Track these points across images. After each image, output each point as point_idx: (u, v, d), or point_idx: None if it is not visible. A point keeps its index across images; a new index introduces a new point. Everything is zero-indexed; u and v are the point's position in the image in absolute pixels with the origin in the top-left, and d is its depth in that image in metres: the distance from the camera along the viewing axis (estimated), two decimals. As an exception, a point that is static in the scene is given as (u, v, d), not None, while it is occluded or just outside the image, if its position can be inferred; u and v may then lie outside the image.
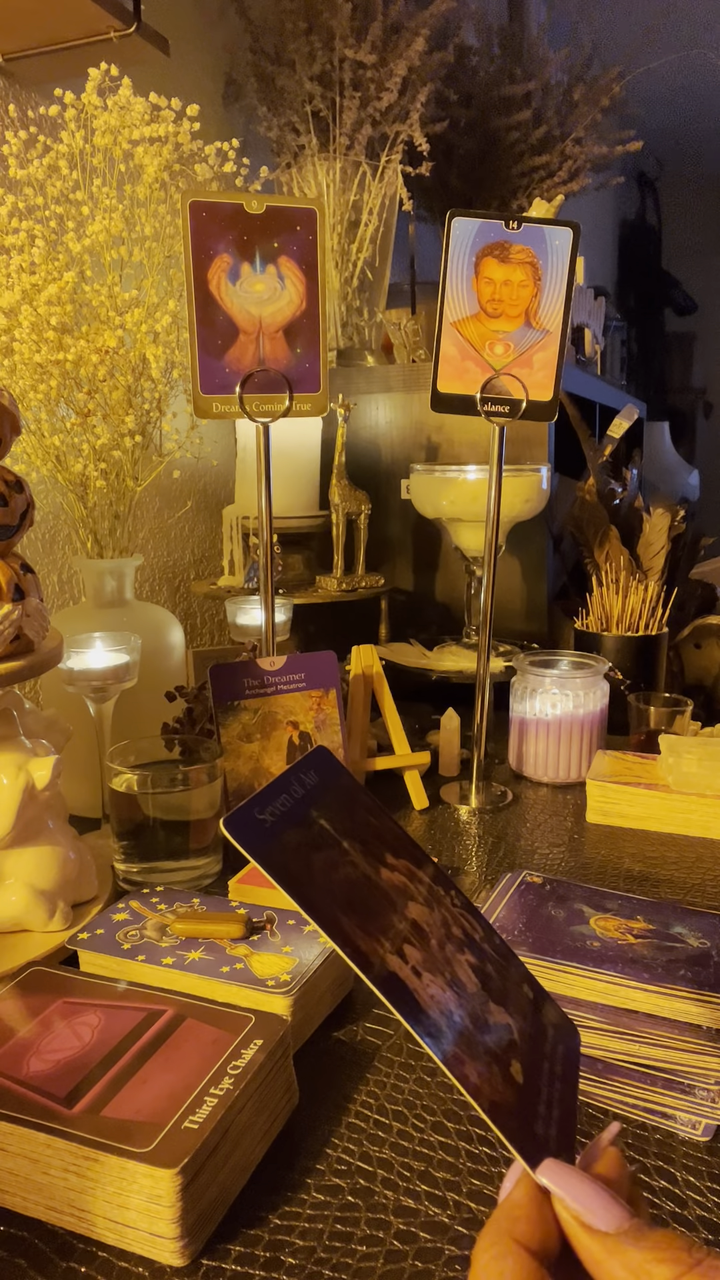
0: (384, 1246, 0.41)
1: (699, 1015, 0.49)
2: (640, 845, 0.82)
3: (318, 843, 0.34)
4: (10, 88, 1.03)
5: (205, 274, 0.78)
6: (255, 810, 0.32)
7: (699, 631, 1.34)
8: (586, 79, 1.62)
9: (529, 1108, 0.31)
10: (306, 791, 0.35)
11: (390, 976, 0.31)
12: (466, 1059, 0.31)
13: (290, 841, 0.33)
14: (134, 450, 0.91)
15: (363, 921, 0.32)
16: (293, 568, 1.25)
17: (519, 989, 0.36)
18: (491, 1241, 0.28)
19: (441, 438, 1.36)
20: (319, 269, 0.81)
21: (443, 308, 0.83)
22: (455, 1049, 0.31)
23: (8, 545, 0.64)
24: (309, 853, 0.33)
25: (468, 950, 0.35)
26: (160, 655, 0.94)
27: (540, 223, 0.82)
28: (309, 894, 0.31)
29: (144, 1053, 0.46)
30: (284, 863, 0.31)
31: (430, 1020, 0.31)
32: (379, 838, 0.36)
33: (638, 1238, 0.27)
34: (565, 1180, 0.29)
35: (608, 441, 1.38)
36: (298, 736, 0.84)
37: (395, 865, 0.36)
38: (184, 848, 0.74)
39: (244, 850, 0.31)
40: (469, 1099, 0.30)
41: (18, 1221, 0.42)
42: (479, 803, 0.91)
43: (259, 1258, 0.40)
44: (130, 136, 0.88)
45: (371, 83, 1.29)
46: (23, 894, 0.63)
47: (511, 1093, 0.31)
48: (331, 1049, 0.54)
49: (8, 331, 0.84)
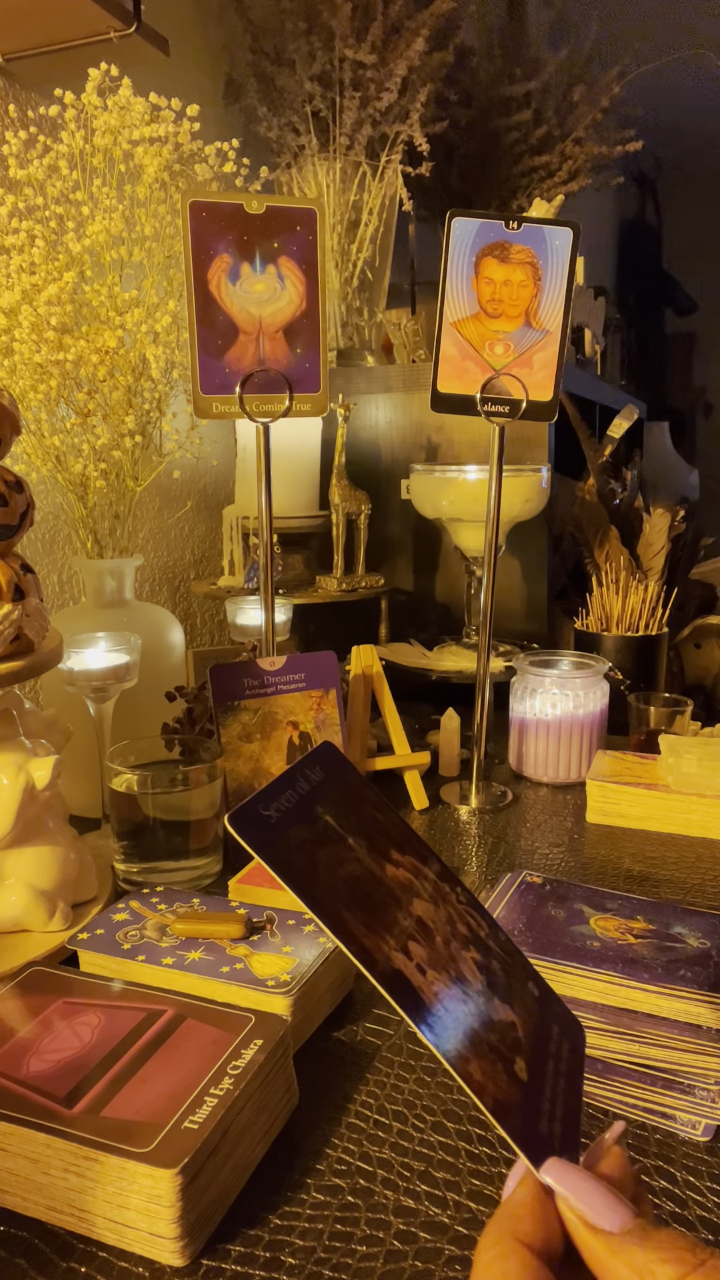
0: (384, 1246, 0.41)
1: (699, 1015, 0.49)
2: (640, 845, 0.82)
3: (323, 839, 0.33)
4: (10, 88, 1.03)
5: (205, 274, 0.78)
6: (260, 806, 0.32)
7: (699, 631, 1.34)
8: (586, 79, 1.62)
9: (533, 1106, 0.31)
10: (312, 787, 0.35)
11: (394, 973, 0.31)
12: (471, 1057, 0.31)
13: (295, 838, 0.32)
14: (134, 450, 0.91)
15: (367, 918, 0.32)
16: (293, 568, 1.25)
17: (524, 986, 0.36)
18: (494, 1241, 0.27)
19: (441, 438, 1.36)
20: (319, 269, 0.81)
21: (443, 308, 0.83)
22: (459, 1047, 0.31)
23: (8, 545, 0.64)
24: (314, 849, 0.33)
25: (473, 947, 0.35)
26: (160, 655, 0.94)
27: (540, 223, 0.82)
28: (313, 890, 0.31)
29: (144, 1053, 0.46)
30: (288, 859, 0.31)
31: (434, 1018, 0.31)
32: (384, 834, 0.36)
33: (642, 1237, 0.27)
34: (569, 1179, 0.29)
35: (608, 441, 1.38)
36: (298, 736, 0.84)
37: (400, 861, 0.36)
38: (184, 848, 0.73)
39: (248, 846, 0.31)
40: (473, 1097, 0.30)
41: (18, 1221, 0.42)
42: (479, 803, 0.91)
43: (259, 1258, 0.40)
44: (130, 137, 0.88)
45: (371, 83, 1.29)
46: (23, 894, 0.63)
47: (516, 1091, 0.31)
48: (331, 1049, 0.54)
49: (8, 331, 0.84)
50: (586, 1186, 0.28)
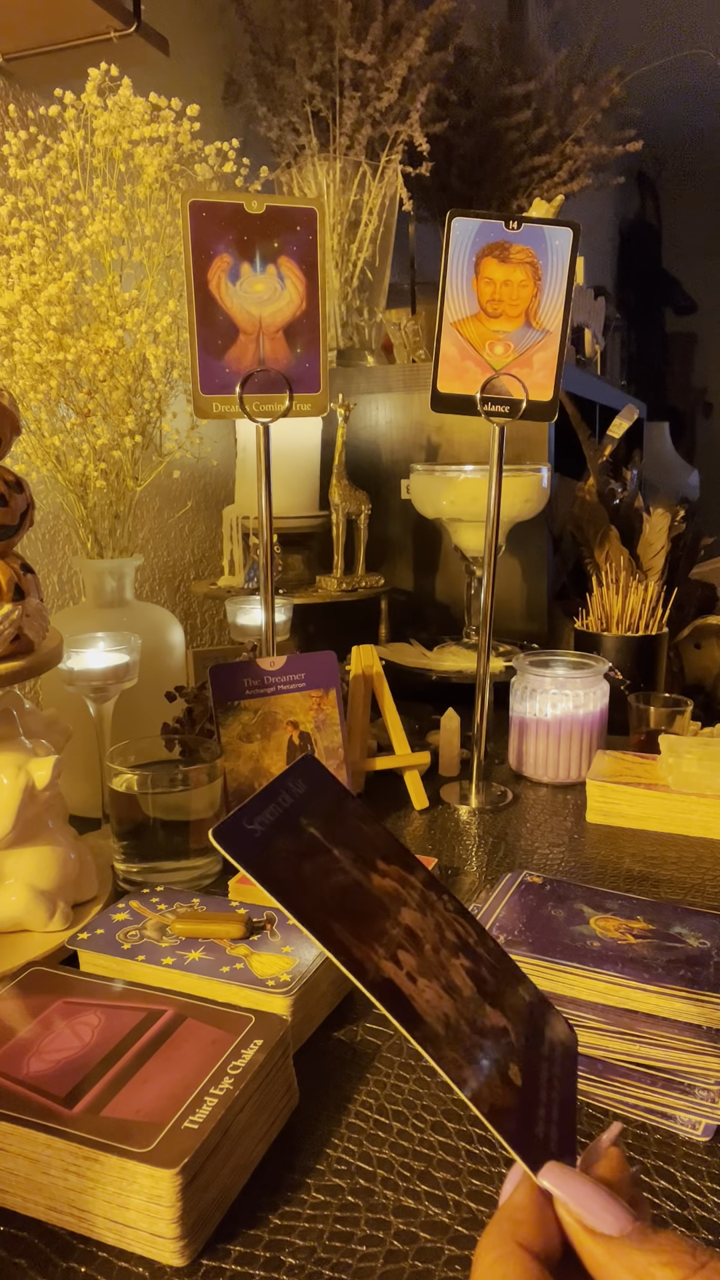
0: (384, 1246, 0.41)
1: (699, 1015, 0.49)
2: (640, 845, 0.82)
3: (308, 851, 0.34)
4: (10, 88, 1.03)
5: (205, 274, 0.78)
6: (244, 820, 0.33)
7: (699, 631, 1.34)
8: (586, 79, 1.62)
9: (529, 1110, 0.31)
10: (295, 800, 0.35)
11: (385, 982, 0.31)
12: (464, 1063, 0.31)
13: (280, 850, 0.33)
14: (134, 450, 0.91)
15: (356, 928, 0.32)
16: (293, 568, 1.25)
17: (514, 991, 0.36)
18: (494, 1244, 0.27)
19: (441, 438, 1.36)
20: (319, 269, 0.81)
21: (443, 308, 0.83)
22: (453, 1053, 0.31)
23: (8, 545, 0.64)
24: (299, 861, 0.33)
25: (462, 954, 0.35)
26: (160, 655, 0.94)
27: (540, 223, 0.82)
28: (300, 902, 0.31)
29: (144, 1053, 0.46)
30: (275, 872, 0.31)
31: (427, 1025, 0.31)
32: (370, 844, 0.36)
33: (641, 1240, 0.27)
34: (567, 1183, 0.29)
35: (608, 441, 1.38)
36: (298, 736, 0.84)
37: (387, 871, 0.36)
38: (184, 848, 0.74)
39: (234, 860, 0.31)
40: (468, 1103, 0.30)
41: (18, 1221, 0.42)
42: (479, 803, 0.91)
43: (259, 1258, 0.40)
44: (130, 136, 0.88)
45: (371, 83, 1.29)
46: (23, 894, 0.63)
47: (511, 1096, 0.31)
48: (331, 1049, 0.54)
49: (8, 331, 0.84)
50: (584, 1190, 0.28)
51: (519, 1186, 0.29)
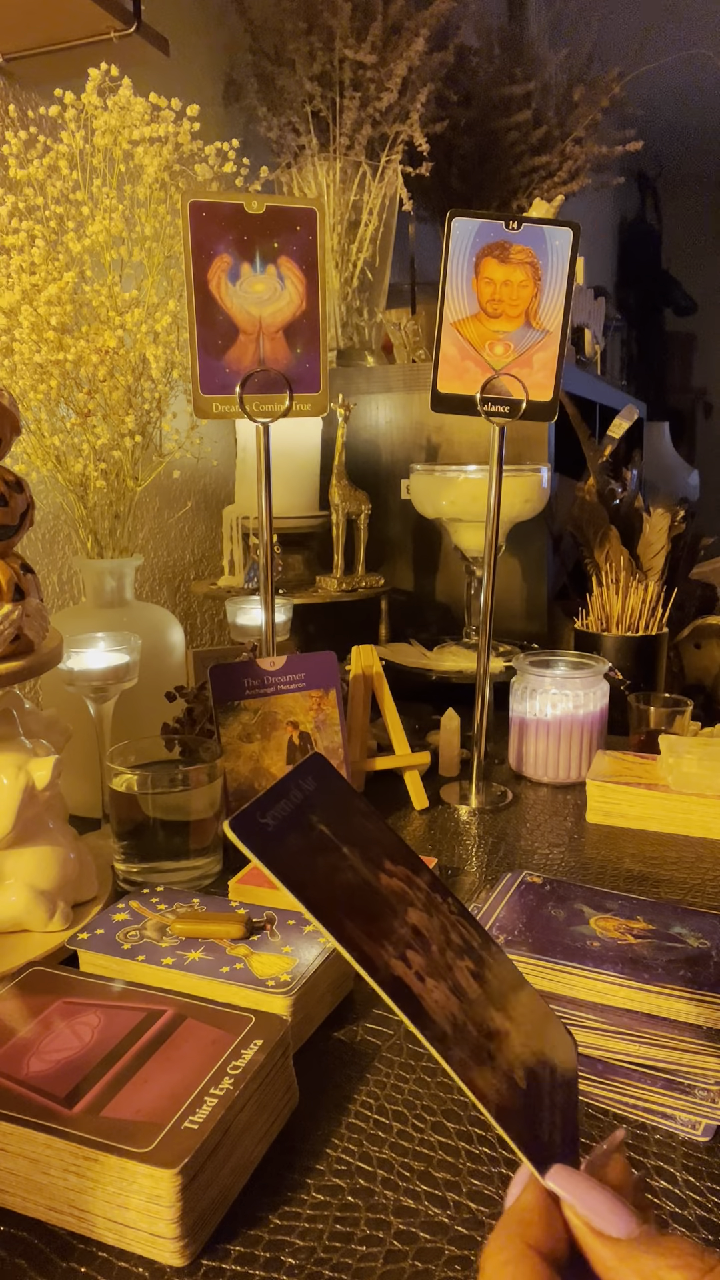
0: (384, 1246, 0.41)
1: (699, 1015, 0.49)
2: (640, 845, 0.82)
3: (319, 847, 0.34)
4: (10, 88, 1.03)
5: (205, 274, 0.78)
6: (258, 814, 0.32)
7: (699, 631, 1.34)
8: (586, 79, 1.62)
9: (534, 1113, 0.31)
10: (305, 797, 0.35)
11: (396, 981, 0.31)
12: (473, 1064, 0.31)
13: (293, 845, 0.32)
14: (134, 450, 0.91)
15: (366, 926, 0.32)
16: (293, 568, 1.25)
17: (516, 996, 0.36)
18: (503, 1245, 0.27)
19: (441, 438, 1.36)
20: (319, 269, 0.81)
21: (443, 308, 0.83)
22: (462, 1054, 0.31)
23: (8, 545, 0.64)
24: (312, 857, 0.33)
25: (466, 957, 0.35)
26: (160, 655, 0.94)
27: (540, 223, 0.82)
28: (314, 897, 0.31)
29: (144, 1053, 0.46)
30: (289, 866, 0.31)
31: (436, 1025, 0.31)
32: (377, 844, 0.36)
33: (650, 1244, 0.27)
34: (574, 1186, 0.29)
35: (608, 441, 1.38)
36: (298, 736, 0.84)
37: (394, 871, 0.36)
38: (184, 848, 0.74)
39: (250, 853, 0.31)
40: (478, 1104, 0.30)
41: (18, 1221, 0.42)
42: (479, 803, 0.91)
43: (259, 1258, 0.40)
44: (130, 137, 0.88)
45: (371, 83, 1.29)
46: (23, 894, 0.63)
47: (517, 1098, 0.31)
48: (331, 1049, 0.54)
49: (8, 331, 0.84)
50: (592, 1193, 0.28)
51: (527, 1188, 0.29)
